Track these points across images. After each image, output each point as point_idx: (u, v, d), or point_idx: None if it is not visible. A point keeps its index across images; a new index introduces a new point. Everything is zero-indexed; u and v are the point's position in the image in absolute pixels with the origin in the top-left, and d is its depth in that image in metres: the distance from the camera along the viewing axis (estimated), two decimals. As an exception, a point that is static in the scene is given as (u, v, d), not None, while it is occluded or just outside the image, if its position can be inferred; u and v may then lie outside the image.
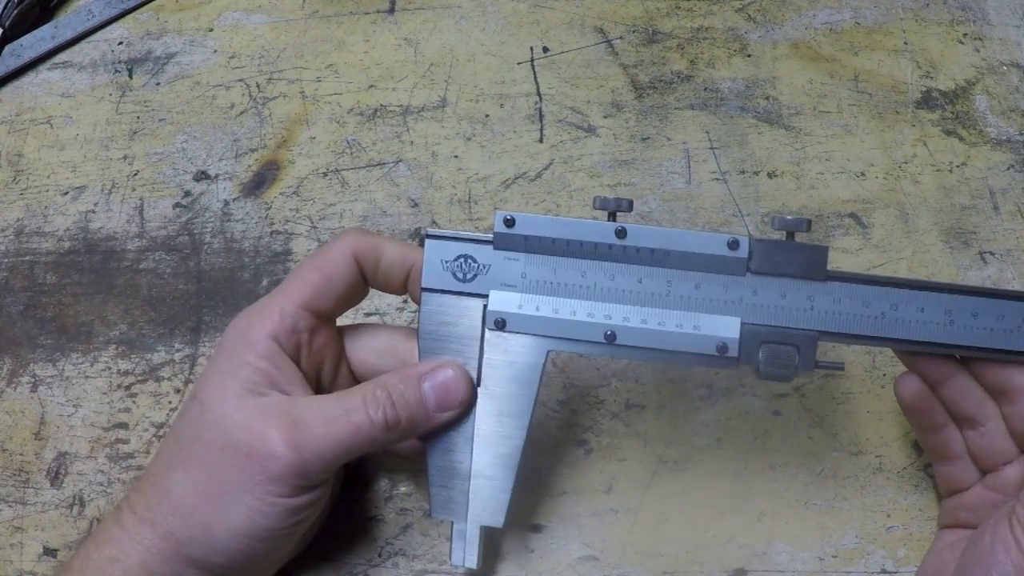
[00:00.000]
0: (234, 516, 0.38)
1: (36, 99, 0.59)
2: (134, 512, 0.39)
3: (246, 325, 0.41)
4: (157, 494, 0.39)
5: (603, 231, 0.39)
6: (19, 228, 0.55)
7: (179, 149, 0.57)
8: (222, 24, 0.60)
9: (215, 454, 0.38)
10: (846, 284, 0.39)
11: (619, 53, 0.58)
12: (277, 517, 0.38)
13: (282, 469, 0.38)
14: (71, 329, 0.52)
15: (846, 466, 0.47)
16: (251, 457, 0.38)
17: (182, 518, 0.38)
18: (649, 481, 0.47)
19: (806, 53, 0.58)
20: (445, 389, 0.40)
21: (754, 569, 0.45)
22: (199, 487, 0.38)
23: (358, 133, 0.56)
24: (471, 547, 0.41)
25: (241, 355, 0.40)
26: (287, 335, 0.40)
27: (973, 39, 0.58)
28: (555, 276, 0.40)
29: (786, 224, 0.39)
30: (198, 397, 0.40)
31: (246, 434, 0.38)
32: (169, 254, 0.54)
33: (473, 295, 0.40)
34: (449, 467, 0.41)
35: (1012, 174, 0.54)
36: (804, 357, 0.39)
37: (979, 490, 0.41)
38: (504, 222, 0.40)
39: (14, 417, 0.50)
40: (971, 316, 0.38)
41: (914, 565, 0.45)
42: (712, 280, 0.39)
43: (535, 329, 0.40)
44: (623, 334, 0.39)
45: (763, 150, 0.55)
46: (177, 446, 0.40)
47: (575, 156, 0.55)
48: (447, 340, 0.41)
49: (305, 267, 0.42)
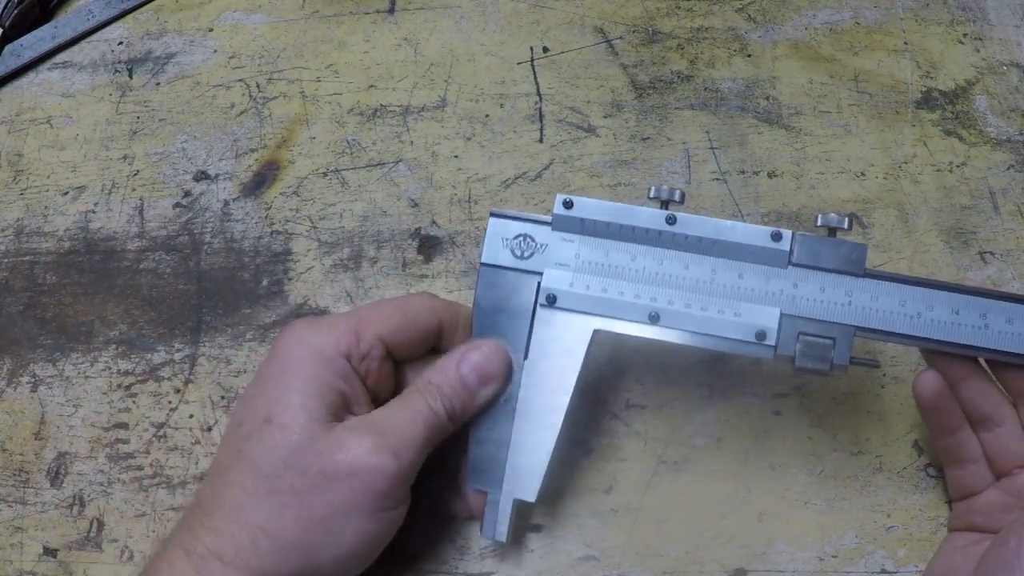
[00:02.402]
0: (341, 539, 0.37)
1: (36, 99, 0.59)
2: (221, 559, 0.36)
3: (320, 341, 0.39)
4: (248, 535, 0.36)
5: (655, 218, 0.41)
6: (19, 228, 0.55)
7: (179, 149, 0.57)
8: (222, 24, 0.60)
9: (314, 480, 0.37)
10: (883, 282, 0.40)
11: (619, 53, 0.58)
12: (383, 532, 0.38)
13: (390, 480, 0.37)
14: (71, 329, 0.52)
15: (846, 466, 0.47)
16: (357, 476, 0.37)
17: (284, 553, 0.37)
18: (649, 481, 0.47)
19: (806, 53, 0.58)
20: (482, 366, 0.41)
21: (754, 569, 0.45)
22: (300, 518, 0.37)
23: (358, 133, 0.56)
24: (503, 520, 0.42)
25: (321, 374, 0.39)
26: (359, 359, 0.40)
27: (973, 39, 0.58)
28: (607, 258, 0.42)
29: (828, 221, 0.41)
30: (275, 421, 0.38)
31: (346, 456, 0.37)
32: (169, 254, 0.54)
33: (529, 272, 0.42)
34: (489, 439, 0.42)
35: (1012, 174, 0.54)
36: (840, 351, 0.39)
37: (993, 493, 0.41)
38: (563, 204, 0.42)
39: (14, 417, 0.50)
40: (1006, 321, 0.39)
41: (914, 565, 0.45)
42: (755, 270, 0.41)
43: (584, 307, 0.41)
44: (666, 316, 0.41)
45: (763, 150, 0.55)
46: (260, 477, 0.37)
47: (575, 156, 0.55)
48: (500, 314, 0.42)
49: (387, 304, 0.42)
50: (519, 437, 0.41)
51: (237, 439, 0.39)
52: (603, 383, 0.49)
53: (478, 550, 0.46)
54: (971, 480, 0.41)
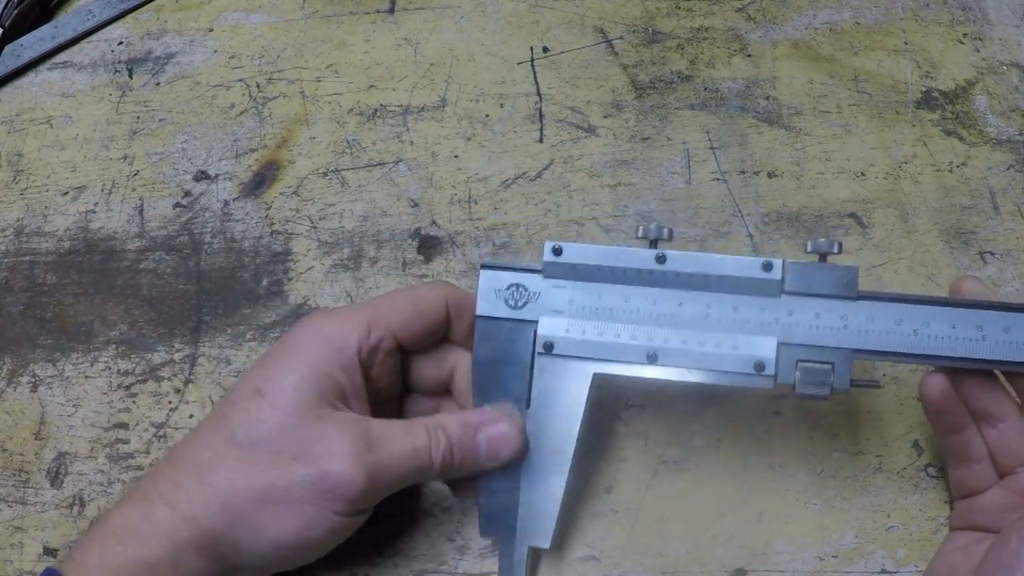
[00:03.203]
0: (288, 525, 0.37)
1: (36, 99, 0.59)
2: (172, 508, 0.37)
3: (331, 330, 0.40)
4: (202, 491, 0.37)
5: (644, 258, 0.41)
6: (19, 228, 0.55)
7: (179, 149, 0.57)
8: (222, 24, 0.60)
9: (284, 462, 0.37)
10: (878, 303, 0.40)
11: (619, 53, 0.58)
12: (332, 533, 0.38)
13: (355, 493, 0.37)
14: (71, 329, 0.52)
15: (846, 466, 0.47)
16: (325, 478, 0.37)
17: (231, 520, 0.37)
18: (649, 481, 0.47)
19: (806, 53, 0.58)
20: (498, 442, 0.41)
21: (754, 569, 0.45)
22: (254, 490, 0.37)
23: (358, 133, 0.56)
24: (519, 568, 0.42)
25: (323, 361, 0.39)
26: (369, 352, 0.40)
27: (973, 39, 0.58)
28: (600, 301, 0.41)
29: (818, 247, 0.41)
30: (266, 395, 0.38)
31: (323, 451, 0.37)
32: (169, 254, 0.54)
33: (524, 321, 0.42)
34: (499, 488, 0.42)
35: (1012, 174, 0.54)
36: (839, 375, 0.39)
37: (996, 493, 0.41)
38: (552, 251, 0.42)
39: (14, 417, 0.50)
40: (1002, 331, 0.39)
41: (914, 565, 0.45)
42: (749, 302, 0.41)
43: (581, 352, 0.41)
44: (664, 355, 0.41)
45: (763, 150, 0.55)
46: (232, 443, 0.37)
47: (575, 156, 0.55)
48: (500, 365, 0.42)
49: (399, 296, 0.42)
50: (528, 486, 0.42)
51: (224, 405, 0.39)
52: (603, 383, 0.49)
53: (478, 550, 0.46)
54: (974, 479, 0.41)
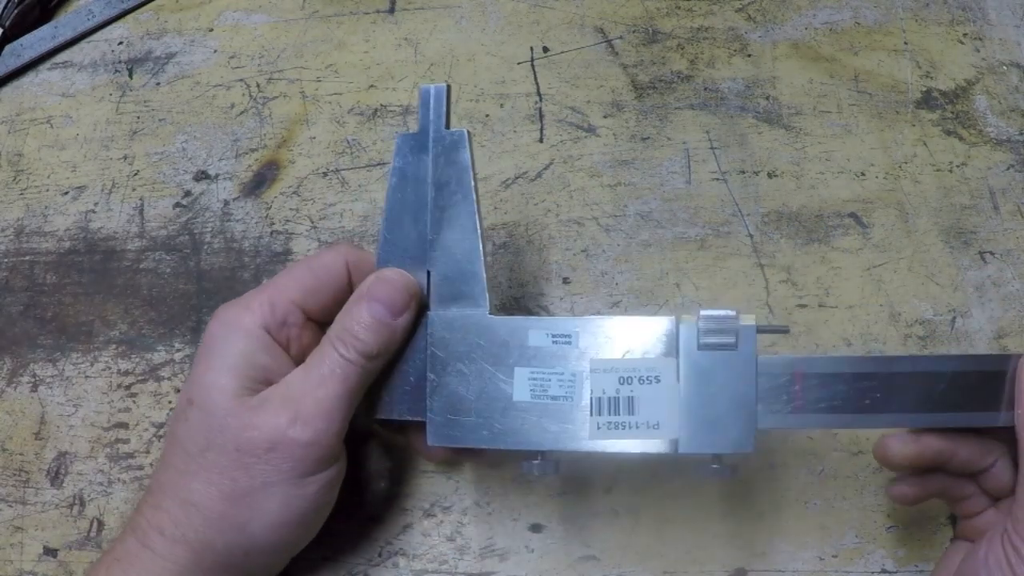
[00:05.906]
0: (268, 508, 0.38)
1: (36, 99, 0.59)
2: (162, 533, 0.38)
3: (233, 316, 0.40)
4: (182, 510, 0.38)
5: None
6: (19, 228, 0.55)
7: (179, 149, 0.57)
8: (222, 24, 0.60)
9: (232, 457, 0.38)
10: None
11: (619, 53, 0.58)
12: (311, 497, 0.39)
13: (308, 449, 0.38)
14: (71, 329, 0.52)
15: (846, 466, 0.47)
16: (275, 450, 0.38)
17: (215, 526, 0.38)
18: (649, 481, 0.47)
19: (806, 53, 0.58)
20: (390, 298, 0.40)
21: (754, 569, 0.45)
22: (224, 492, 0.38)
23: (358, 133, 0.56)
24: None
25: (233, 347, 0.39)
26: (277, 328, 0.40)
27: (973, 39, 0.58)
28: None
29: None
30: (195, 402, 0.39)
31: (259, 431, 0.38)
32: (169, 254, 0.54)
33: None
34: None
35: (1012, 174, 0.54)
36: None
37: (991, 514, 0.41)
38: None
39: (14, 417, 0.50)
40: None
41: (914, 565, 0.45)
42: None
43: None
44: None
45: (763, 150, 0.55)
46: (187, 456, 0.39)
47: (575, 156, 0.55)
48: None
49: (297, 268, 0.42)
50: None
51: (173, 422, 0.41)
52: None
53: (478, 550, 0.46)
54: (971, 505, 0.42)
